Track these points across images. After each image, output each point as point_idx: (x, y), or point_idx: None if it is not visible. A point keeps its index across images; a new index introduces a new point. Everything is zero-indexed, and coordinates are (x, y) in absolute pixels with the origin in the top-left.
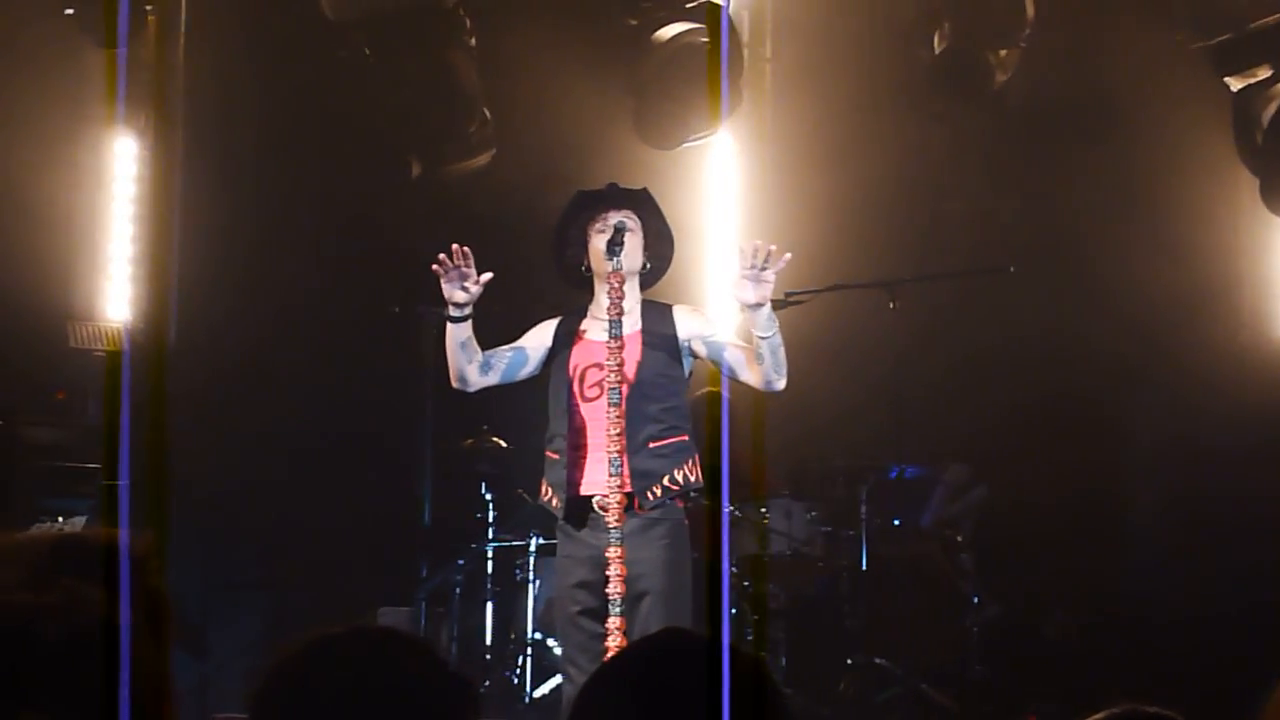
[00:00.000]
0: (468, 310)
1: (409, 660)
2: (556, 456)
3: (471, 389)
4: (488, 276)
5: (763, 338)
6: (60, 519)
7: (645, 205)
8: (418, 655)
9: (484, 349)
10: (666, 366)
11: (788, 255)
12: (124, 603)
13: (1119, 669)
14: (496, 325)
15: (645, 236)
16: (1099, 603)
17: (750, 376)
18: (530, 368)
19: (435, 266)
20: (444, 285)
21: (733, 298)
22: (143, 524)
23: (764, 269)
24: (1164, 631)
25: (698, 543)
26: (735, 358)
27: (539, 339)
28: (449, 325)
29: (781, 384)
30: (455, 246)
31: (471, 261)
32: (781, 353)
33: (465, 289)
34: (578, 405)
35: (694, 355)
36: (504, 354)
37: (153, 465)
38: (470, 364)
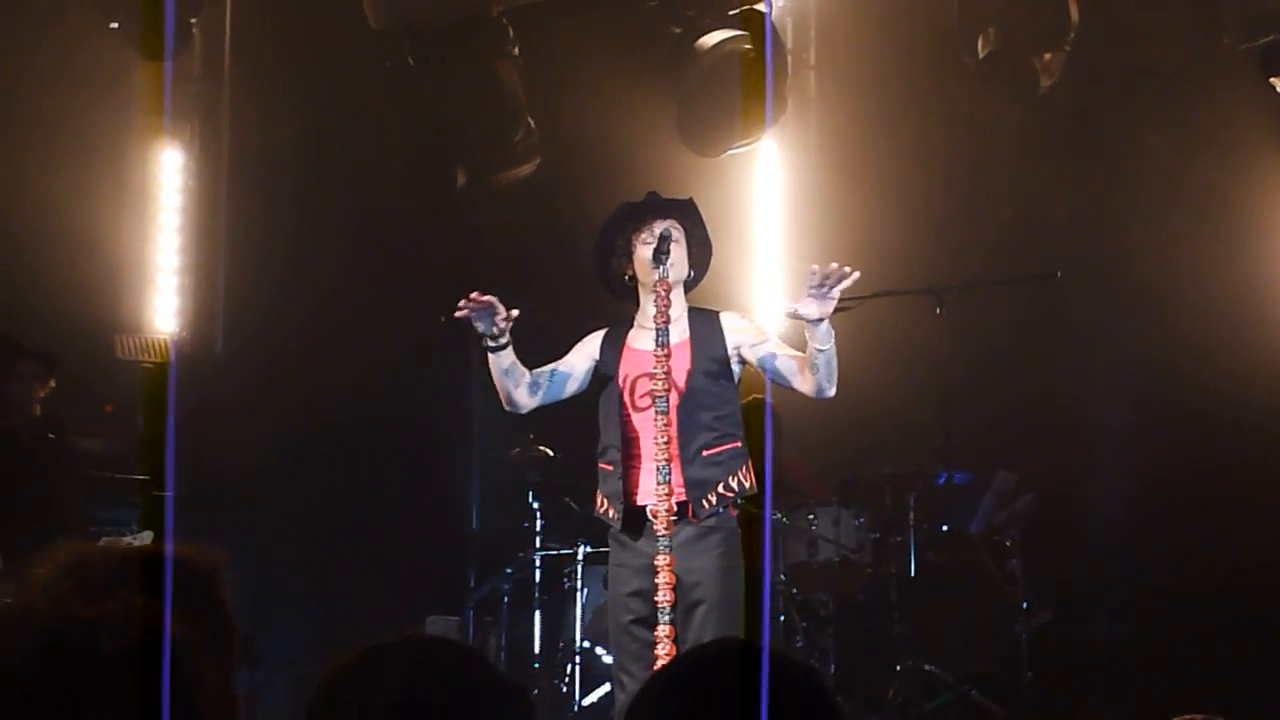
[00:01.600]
0: (503, 340)
1: (462, 670)
2: (610, 468)
3: (523, 410)
4: (515, 313)
5: (820, 350)
6: (126, 530)
7: (690, 214)
8: (471, 665)
9: (530, 364)
10: (716, 373)
11: (856, 274)
12: (167, 613)
13: (1170, 675)
14: (542, 334)
15: (689, 245)
16: (1147, 607)
17: (802, 384)
18: (579, 383)
19: (459, 313)
20: (475, 324)
21: (795, 313)
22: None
23: (832, 288)
24: (1215, 637)
25: (748, 552)
26: (787, 366)
27: (585, 352)
28: (489, 355)
29: (832, 392)
30: (474, 295)
31: (495, 300)
32: (835, 363)
33: (496, 325)
34: (629, 415)
35: (743, 362)
36: (551, 372)
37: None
38: (518, 387)
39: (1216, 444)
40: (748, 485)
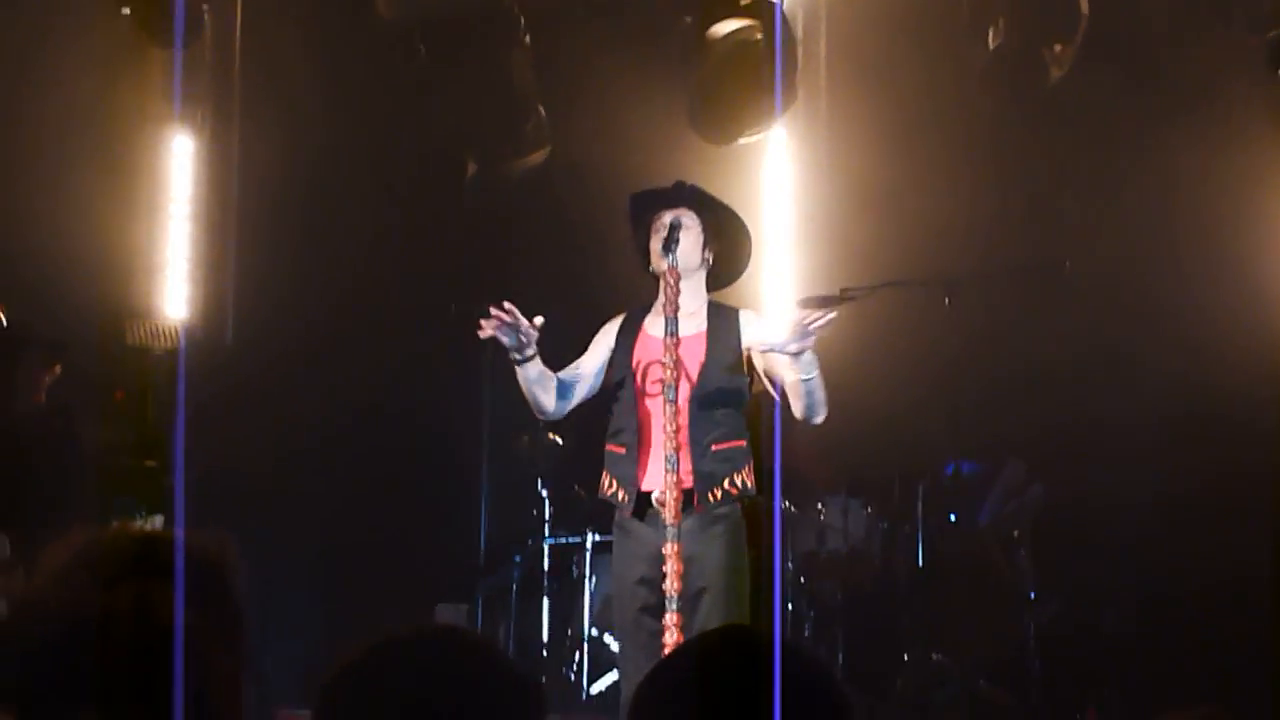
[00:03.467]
0: (530, 352)
1: (475, 659)
2: (621, 450)
3: (555, 417)
4: (540, 320)
5: (803, 379)
6: (136, 516)
7: (700, 201)
8: (483, 654)
9: (548, 358)
10: (729, 370)
11: (833, 315)
12: (179, 601)
13: (1177, 666)
14: (551, 325)
15: (706, 234)
16: (1155, 599)
17: (794, 407)
18: (604, 376)
19: (483, 333)
20: (500, 339)
21: (775, 349)
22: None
23: (812, 327)
24: (1221, 628)
25: (753, 540)
26: (789, 380)
27: (604, 343)
28: (517, 367)
29: (820, 418)
30: (496, 312)
31: (517, 313)
32: (821, 393)
33: (520, 339)
34: (641, 400)
35: (752, 365)
36: (576, 373)
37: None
38: (547, 394)
39: (1226, 438)
40: (750, 485)
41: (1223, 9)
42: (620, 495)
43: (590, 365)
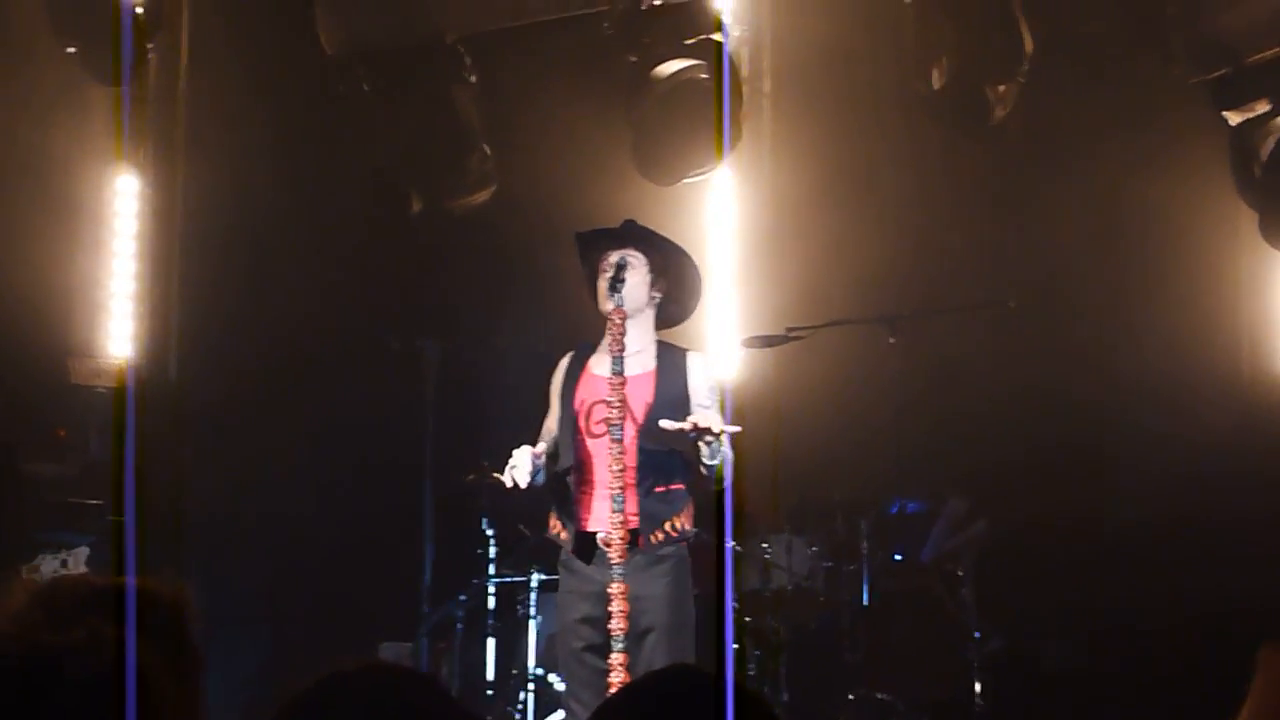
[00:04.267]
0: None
1: (421, 697)
2: (565, 490)
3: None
4: (543, 447)
5: (706, 464)
6: (62, 554)
7: (647, 240)
8: (430, 692)
9: (491, 392)
10: (674, 411)
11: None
12: (130, 641)
13: (1122, 701)
14: (502, 360)
15: (652, 272)
16: (1099, 635)
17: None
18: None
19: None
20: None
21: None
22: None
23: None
24: (1165, 661)
25: (699, 578)
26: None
27: (557, 391)
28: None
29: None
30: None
31: (530, 453)
32: (719, 463)
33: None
34: (583, 440)
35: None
36: (552, 435)
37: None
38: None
39: (1168, 472)
40: (688, 528)
41: (1165, 49)
42: (561, 534)
43: (554, 421)
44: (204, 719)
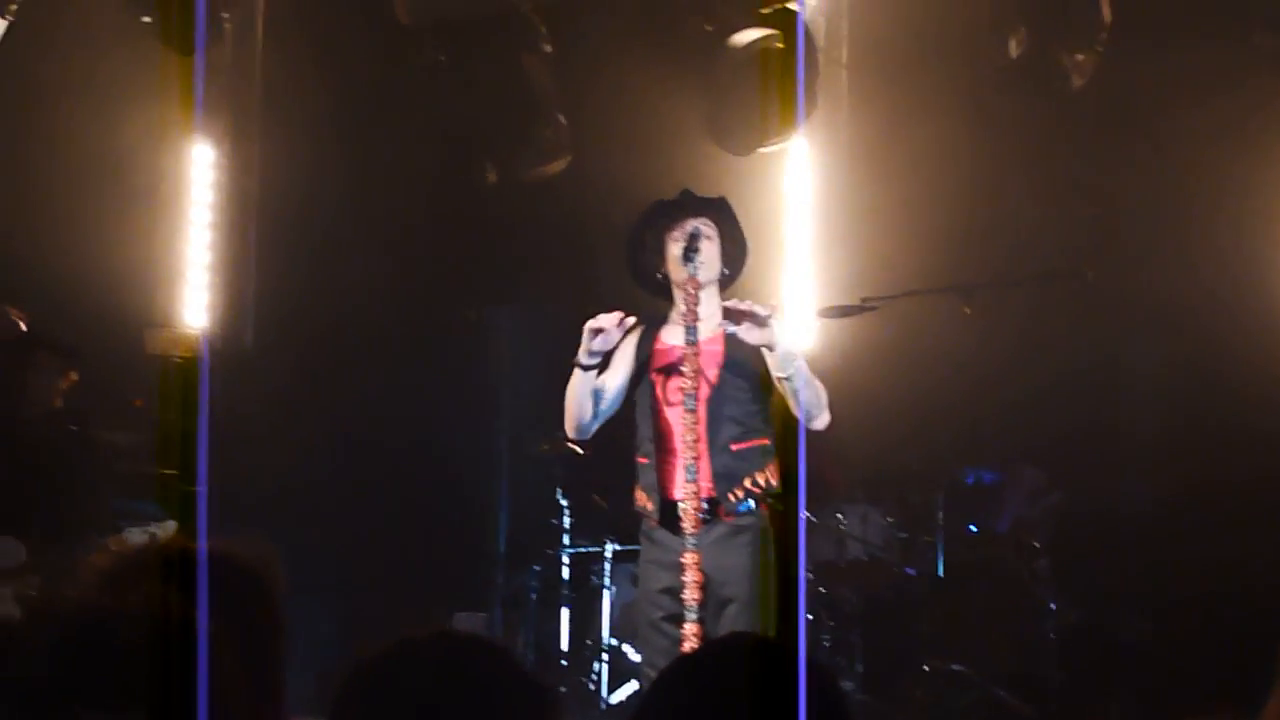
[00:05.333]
0: (600, 360)
1: (491, 665)
2: (646, 461)
3: (585, 435)
4: (631, 320)
5: (782, 378)
6: (151, 526)
7: (722, 213)
8: (499, 660)
9: (565, 363)
10: (748, 371)
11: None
12: (203, 609)
13: (1197, 673)
14: (572, 332)
15: (723, 244)
16: (1177, 607)
17: (791, 408)
18: (623, 397)
19: (598, 341)
20: (595, 341)
21: (735, 334)
22: (218, 528)
23: (755, 319)
24: (1241, 635)
25: (773, 548)
26: (794, 382)
27: (625, 359)
28: (579, 373)
29: (819, 424)
30: (607, 321)
31: (626, 321)
32: (808, 394)
33: (608, 340)
34: (662, 410)
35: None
36: (603, 390)
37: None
38: (591, 407)
39: (1247, 445)
40: (774, 483)
41: (1244, 15)
42: (647, 505)
43: (614, 383)
44: (283, 683)
